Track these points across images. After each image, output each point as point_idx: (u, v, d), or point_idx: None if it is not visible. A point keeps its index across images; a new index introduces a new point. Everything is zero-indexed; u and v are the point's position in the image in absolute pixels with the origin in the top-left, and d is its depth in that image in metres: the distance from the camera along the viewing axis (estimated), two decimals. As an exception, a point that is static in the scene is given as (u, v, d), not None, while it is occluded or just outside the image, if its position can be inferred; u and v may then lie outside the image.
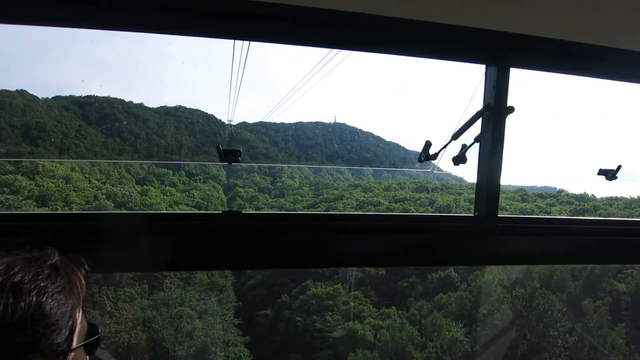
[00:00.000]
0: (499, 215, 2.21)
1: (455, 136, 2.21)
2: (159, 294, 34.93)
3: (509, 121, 2.19)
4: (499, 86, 2.10)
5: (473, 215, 2.25)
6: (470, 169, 2.38)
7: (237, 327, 36.79)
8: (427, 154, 2.27)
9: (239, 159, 2.10)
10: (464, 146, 2.26)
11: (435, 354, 30.53)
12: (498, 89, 2.10)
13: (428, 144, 2.25)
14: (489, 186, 2.18)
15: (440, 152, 2.28)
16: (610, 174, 2.48)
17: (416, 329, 32.82)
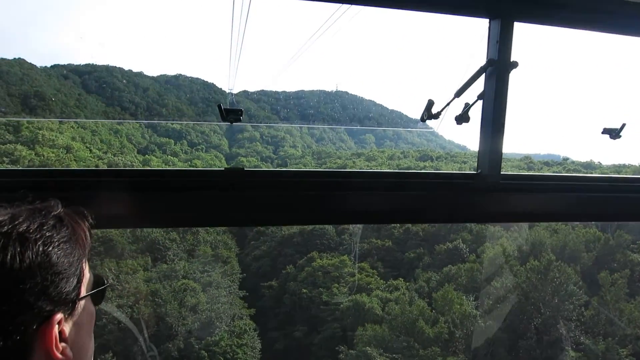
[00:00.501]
0: (502, 173, 2.22)
1: (458, 93, 2.20)
2: (162, 266, 34.60)
3: (512, 82, 2.17)
4: (502, 41, 2.07)
5: (476, 173, 2.25)
6: (474, 136, 2.36)
7: (242, 299, 36.50)
8: (429, 113, 2.27)
9: (240, 118, 2.10)
10: (467, 104, 2.26)
11: (447, 329, 29.59)
12: (501, 43, 2.07)
13: (430, 103, 2.25)
14: (492, 143, 2.18)
15: (442, 110, 2.27)
16: (615, 133, 2.47)
17: (426, 302, 32.03)
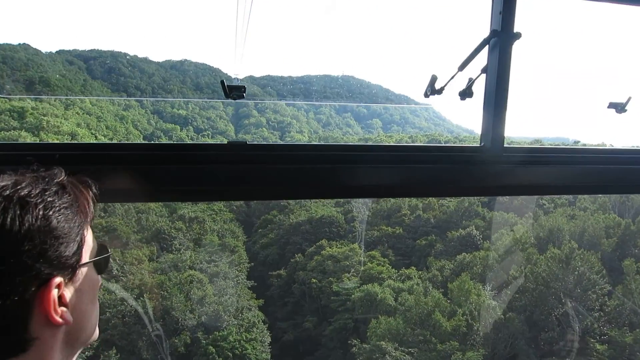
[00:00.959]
0: (505, 145, 2.23)
1: (462, 67, 2.20)
2: (168, 256, 34.02)
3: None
4: (505, 11, 2.08)
5: (479, 146, 2.27)
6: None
7: (250, 290, 35.79)
8: (432, 89, 2.28)
9: (244, 95, 2.12)
10: (471, 79, 2.26)
11: (465, 321, 28.34)
12: (505, 13, 2.08)
13: (434, 78, 2.25)
14: (495, 116, 2.19)
15: (446, 85, 2.28)
16: (620, 107, 2.47)
17: (441, 292, 30.88)
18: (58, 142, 1.97)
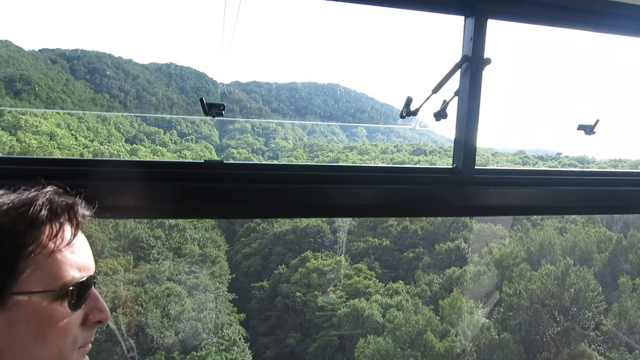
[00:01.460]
0: (477, 167, 2.32)
1: (435, 90, 2.30)
2: (145, 266, 32.26)
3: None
4: (476, 37, 2.18)
5: (451, 167, 2.35)
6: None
7: (231, 303, 34.33)
8: (408, 110, 2.36)
9: (222, 113, 2.16)
10: (445, 101, 2.35)
11: (459, 342, 27.19)
12: (475, 40, 2.18)
13: (409, 100, 2.34)
14: (466, 138, 2.28)
15: (421, 107, 2.37)
16: (589, 129, 2.59)
17: (431, 309, 29.88)
18: (36, 157, 1.98)
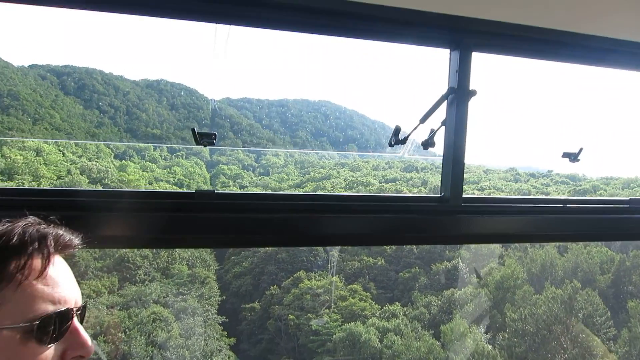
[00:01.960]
0: (464, 196, 2.37)
1: (423, 120, 2.36)
2: (131, 288, 30.49)
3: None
4: (461, 70, 2.25)
5: (439, 196, 2.40)
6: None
7: (220, 326, 32.86)
8: (397, 139, 2.42)
9: (214, 142, 2.19)
10: (432, 130, 2.42)
11: None
12: (461, 72, 2.25)
13: (397, 129, 2.40)
14: (453, 167, 2.33)
15: (409, 136, 2.43)
16: (573, 157, 2.66)
17: (431, 334, 28.80)
18: (22, 187, 2.00)
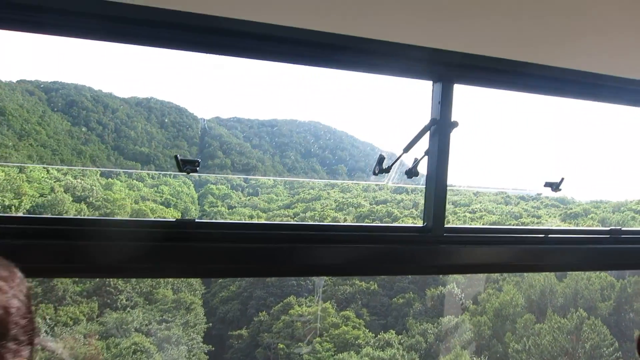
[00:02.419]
0: (446, 226, 2.39)
1: (406, 149, 2.40)
2: (112, 315, 28.79)
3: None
4: (443, 102, 2.30)
5: (422, 226, 2.42)
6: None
7: (206, 355, 31.46)
8: (380, 167, 2.45)
9: (197, 169, 2.20)
10: (416, 159, 2.45)
11: None
12: (443, 104, 2.30)
13: (381, 158, 2.44)
14: (436, 197, 2.36)
15: (393, 165, 2.46)
16: (555, 186, 2.72)
17: None
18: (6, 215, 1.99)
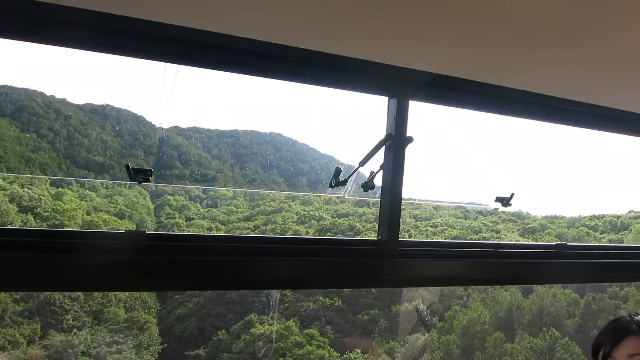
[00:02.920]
0: (400, 240, 2.43)
1: (362, 163, 2.44)
2: (56, 337, 26.57)
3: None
4: (399, 117, 2.35)
5: (377, 239, 2.45)
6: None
7: None
8: (337, 180, 2.48)
9: (150, 178, 2.17)
10: (372, 173, 2.50)
11: None
12: (398, 120, 2.35)
13: (338, 170, 2.47)
14: (390, 211, 2.40)
15: (349, 178, 2.50)
16: (505, 201, 2.82)
17: None
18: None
